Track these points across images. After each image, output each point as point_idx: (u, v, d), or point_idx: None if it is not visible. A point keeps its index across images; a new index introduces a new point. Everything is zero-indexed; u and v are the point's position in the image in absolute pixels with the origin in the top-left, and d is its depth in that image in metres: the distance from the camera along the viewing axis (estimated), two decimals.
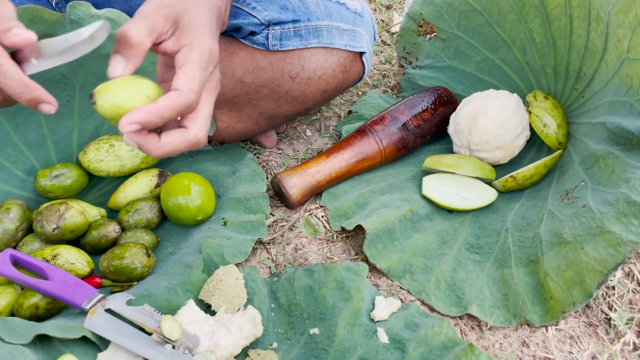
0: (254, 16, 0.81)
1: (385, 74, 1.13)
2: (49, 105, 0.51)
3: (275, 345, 0.67)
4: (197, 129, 0.54)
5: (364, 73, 0.91)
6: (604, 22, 0.74)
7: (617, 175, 0.67)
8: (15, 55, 0.51)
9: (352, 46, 0.85)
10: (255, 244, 0.78)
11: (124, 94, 0.51)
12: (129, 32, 0.51)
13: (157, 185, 0.81)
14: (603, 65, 0.77)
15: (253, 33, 0.83)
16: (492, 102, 0.84)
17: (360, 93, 1.09)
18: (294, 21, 0.82)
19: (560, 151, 0.82)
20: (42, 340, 0.60)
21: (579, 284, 0.64)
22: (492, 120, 0.83)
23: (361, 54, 0.88)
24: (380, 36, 1.25)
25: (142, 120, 0.49)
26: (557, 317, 0.65)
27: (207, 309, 0.69)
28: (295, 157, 0.95)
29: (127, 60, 0.52)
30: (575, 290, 0.64)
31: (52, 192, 0.76)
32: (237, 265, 0.75)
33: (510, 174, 0.81)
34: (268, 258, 0.78)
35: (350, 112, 1.02)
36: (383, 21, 1.32)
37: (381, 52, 1.20)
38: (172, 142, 0.53)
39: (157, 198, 0.81)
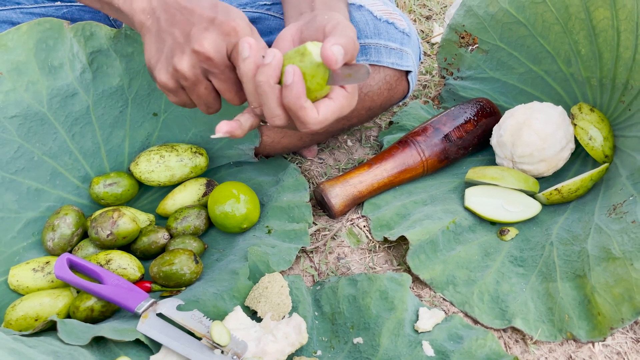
0: None
1: (426, 85, 1.14)
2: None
3: (319, 353, 0.68)
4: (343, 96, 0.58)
5: (408, 91, 0.92)
6: None
7: None
8: None
9: (399, 65, 0.86)
10: (298, 252, 0.80)
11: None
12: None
13: (205, 194, 0.84)
14: None
15: None
16: (536, 114, 0.84)
17: (401, 104, 1.10)
18: None
19: (606, 165, 0.81)
20: (98, 342, 0.62)
21: (628, 300, 0.63)
22: (536, 133, 0.82)
23: (407, 72, 0.89)
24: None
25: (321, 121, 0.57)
26: (605, 334, 0.65)
27: (253, 315, 0.71)
28: (337, 167, 0.96)
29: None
30: (624, 307, 0.63)
31: (105, 200, 0.79)
32: (281, 273, 0.77)
33: (555, 187, 0.80)
34: (311, 266, 0.79)
35: (391, 122, 1.03)
36: (423, 32, 1.33)
37: (421, 63, 1.21)
38: (326, 112, 0.57)
39: (205, 206, 0.83)
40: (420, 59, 0.93)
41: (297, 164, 0.96)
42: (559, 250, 0.74)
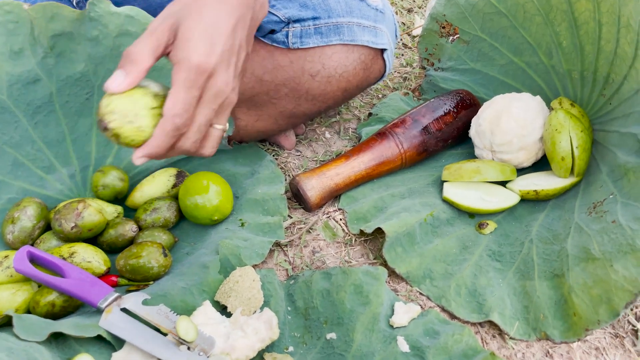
0: (273, 14, 0.80)
1: (406, 77, 1.12)
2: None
3: (291, 349, 0.66)
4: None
5: (385, 71, 0.90)
6: (634, 30, 0.72)
7: None
8: None
9: (374, 42, 0.84)
10: (272, 246, 0.77)
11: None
12: (132, 49, 0.55)
13: (175, 185, 0.81)
14: (633, 72, 0.75)
15: (273, 31, 0.82)
16: (515, 102, 0.82)
17: (380, 96, 1.08)
18: (314, 18, 0.81)
19: (579, 178, 0.80)
20: (57, 339, 0.59)
21: (606, 302, 0.62)
22: (515, 120, 0.81)
23: (382, 51, 0.87)
24: (401, 39, 1.24)
25: (147, 155, 0.57)
26: (580, 335, 0.63)
27: (223, 310, 0.68)
28: (314, 159, 0.94)
29: (126, 76, 0.55)
30: (602, 309, 0.62)
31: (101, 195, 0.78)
32: (253, 267, 0.74)
33: (534, 189, 0.79)
34: (285, 260, 0.77)
35: (370, 114, 1.00)
36: (404, 24, 1.31)
37: (402, 55, 1.19)
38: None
39: (175, 198, 0.81)
40: (396, 36, 0.91)
41: (273, 155, 0.93)
42: (539, 248, 0.73)
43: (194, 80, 0.55)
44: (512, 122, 0.81)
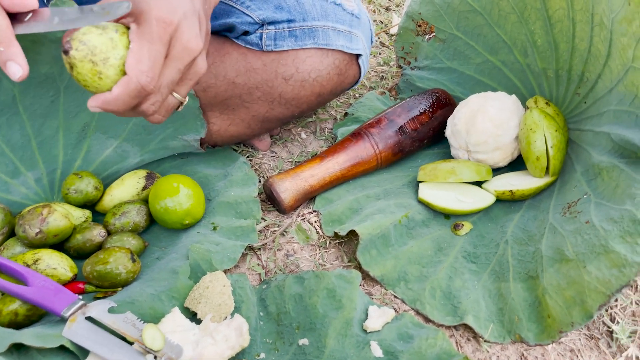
0: (247, 15, 0.79)
1: (383, 76, 1.11)
2: (19, 67, 0.51)
3: (262, 355, 0.64)
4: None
5: (359, 77, 0.89)
6: (607, 28, 0.72)
7: (622, 190, 0.65)
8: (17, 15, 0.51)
9: (349, 48, 0.82)
10: (245, 249, 0.76)
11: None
12: None
13: (145, 188, 0.79)
14: (607, 70, 0.74)
15: (246, 33, 0.80)
16: (490, 102, 0.82)
17: (357, 95, 1.06)
18: (289, 21, 0.79)
19: (554, 178, 0.79)
20: (19, 349, 0.57)
21: (579, 304, 0.61)
22: (490, 120, 0.80)
23: (357, 56, 0.85)
24: (378, 38, 1.23)
25: (103, 110, 0.53)
26: (554, 337, 0.63)
27: (193, 317, 0.67)
28: (290, 160, 0.92)
29: None
30: (575, 310, 0.61)
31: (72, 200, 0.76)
32: (225, 271, 0.73)
33: (509, 189, 0.78)
34: (258, 264, 0.76)
35: (346, 114, 0.99)
36: (382, 22, 1.30)
37: (379, 54, 1.18)
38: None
39: (146, 201, 0.79)
40: (372, 42, 0.90)
41: (248, 157, 0.92)
42: (514, 250, 0.72)
43: (157, 33, 0.51)
44: (487, 122, 0.81)
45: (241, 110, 0.82)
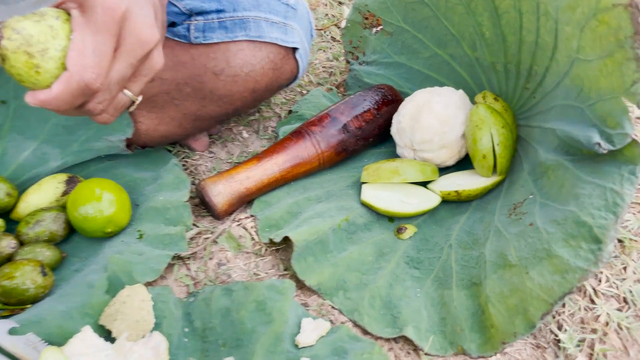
0: (173, 4, 0.73)
1: (332, 72, 1.06)
2: None
3: None
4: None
5: (298, 72, 0.83)
6: (552, 17, 0.68)
7: (567, 190, 0.61)
8: None
9: (283, 40, 0.77)
10: (173, 259, 0.71)
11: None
12: None
13: (65, 193, 0.73)
14: (554, 64, 0.71)
15: (174, 24, 0.75)
16: (436, 97, 0.77)
17: (305, 92, 1.01)
18: (219, 11, 0.74)
19: (502, 177, 0.75)
20: None
21: (522, 312, 0.57)
22: (436, 117, 0.76)
23: (294, 50, 0.80)
24: (329, 32, 1.18)
25: (43, 107, 0.46)
26: (497, 348, 0.59)
27: (110, 335, 0.61)
28: (229, 161, 0.87)
29: None
30: (518, 320, 0.57)
31: None
32: (148, 284, 0.67)
33: (455, 189, 0.74)
34: (187, 275, 0.70)
35: (290, 111, 0.94)
36: (334, 16, 1.25)
37: (330, 48, 1.13)
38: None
39: (65, 207, 0.72)
40: (312, 35, 0.85)
41: (183, 158, 0.86)
42: (458, 254, 0.68)
43: (104, 22, 0.44)
44: (432, 119, 0.76)
45: (170, 108, 0.76)
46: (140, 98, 0.52)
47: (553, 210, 0.61)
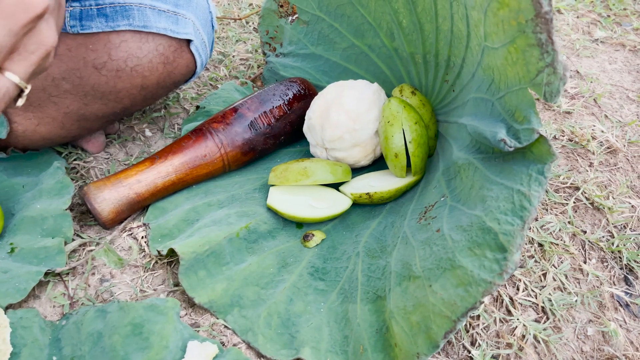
0: None
1: (250, 65, 0.99)
2: None
3: None
4: None
5: (196, 67, 0.76)
6: (462, 2, 0.62)
7: (476, 192, 0.55)
8: None
9: (174, 31, 0.69)
10: (50, 275, 0.62)
11: None
12: None
13: None
14: (469, 53, 0.65)
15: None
16: (347, 91, 0.71)
17: (219, 86, 0.94)
18: None
19: (417, 177, 0.70)
20: None
21: (424, 331, 0.51)
22: (346, 112, 0.70)
23: (188, 42, 0.72)
24: (252, 22, 1.10)
25: None
26: None
27: None
28: (127, 162, 0.78)
29: None
30: (420, 339, 0.51)
31: None
32: (10, 307, 0.59)
33: (366, 191, 0.68)
34: (63, 294, 0.62)
35: (198, 107, 0.86)
36: (258, 6, 1.17)
37: (250, 40, 1.06)
38: None
39: None
40: (213, 27, 0.77)
41: (74, 159, 0.77)
42: (364, 263, 0.62)
43: None
44: (342, 115, 0.70)
45: (49, 106, 0.68)
46: (29, 87, 0.43)
47: (461, 215, 0.55)
